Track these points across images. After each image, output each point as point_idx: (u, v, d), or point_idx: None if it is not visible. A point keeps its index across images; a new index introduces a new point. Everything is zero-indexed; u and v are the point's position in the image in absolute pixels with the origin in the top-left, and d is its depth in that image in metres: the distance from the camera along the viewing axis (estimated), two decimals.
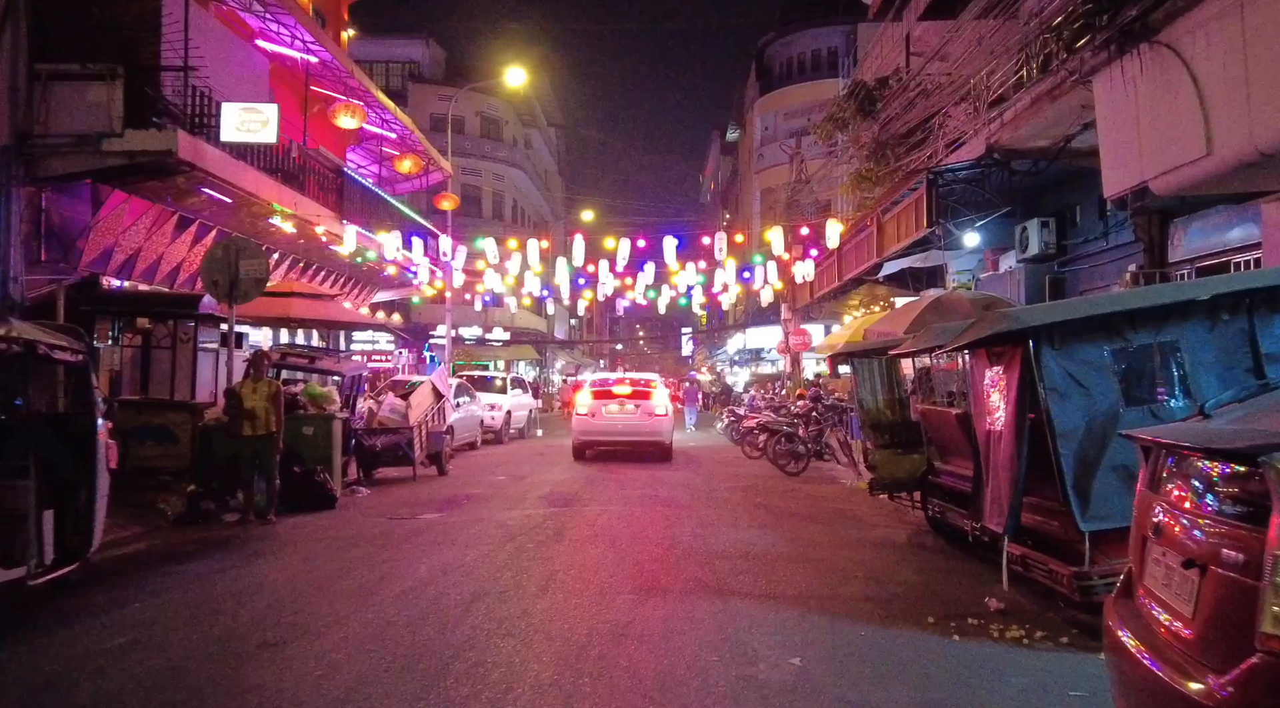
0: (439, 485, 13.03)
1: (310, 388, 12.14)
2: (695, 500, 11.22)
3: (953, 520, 7.49)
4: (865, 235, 17.14)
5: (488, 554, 7.41)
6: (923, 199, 13.69)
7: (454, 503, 10.99)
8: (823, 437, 15.81)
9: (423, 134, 26.63)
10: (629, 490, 12.18)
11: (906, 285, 20.72)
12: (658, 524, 9.15)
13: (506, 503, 10.88)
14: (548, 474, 14.37)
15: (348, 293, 22.85)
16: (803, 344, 25.87)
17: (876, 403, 9.25)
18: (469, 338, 47.04)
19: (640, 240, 17.83)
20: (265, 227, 16.68)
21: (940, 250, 16.61)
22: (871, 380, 9.27)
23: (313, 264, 20.13)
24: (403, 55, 49.56)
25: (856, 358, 9.51)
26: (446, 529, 8.89)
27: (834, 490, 12.75)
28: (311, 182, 17.75)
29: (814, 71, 47.29)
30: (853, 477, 14.72)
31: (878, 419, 9.25)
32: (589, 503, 10.78)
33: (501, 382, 24.37)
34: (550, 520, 9.27)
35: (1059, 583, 5.11)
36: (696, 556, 7.47)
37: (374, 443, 13.25)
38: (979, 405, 5.84)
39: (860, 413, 9.35)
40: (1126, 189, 9.69)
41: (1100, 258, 14.00)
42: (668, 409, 17.47)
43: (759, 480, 13.90)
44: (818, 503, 11.29)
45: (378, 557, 7.49)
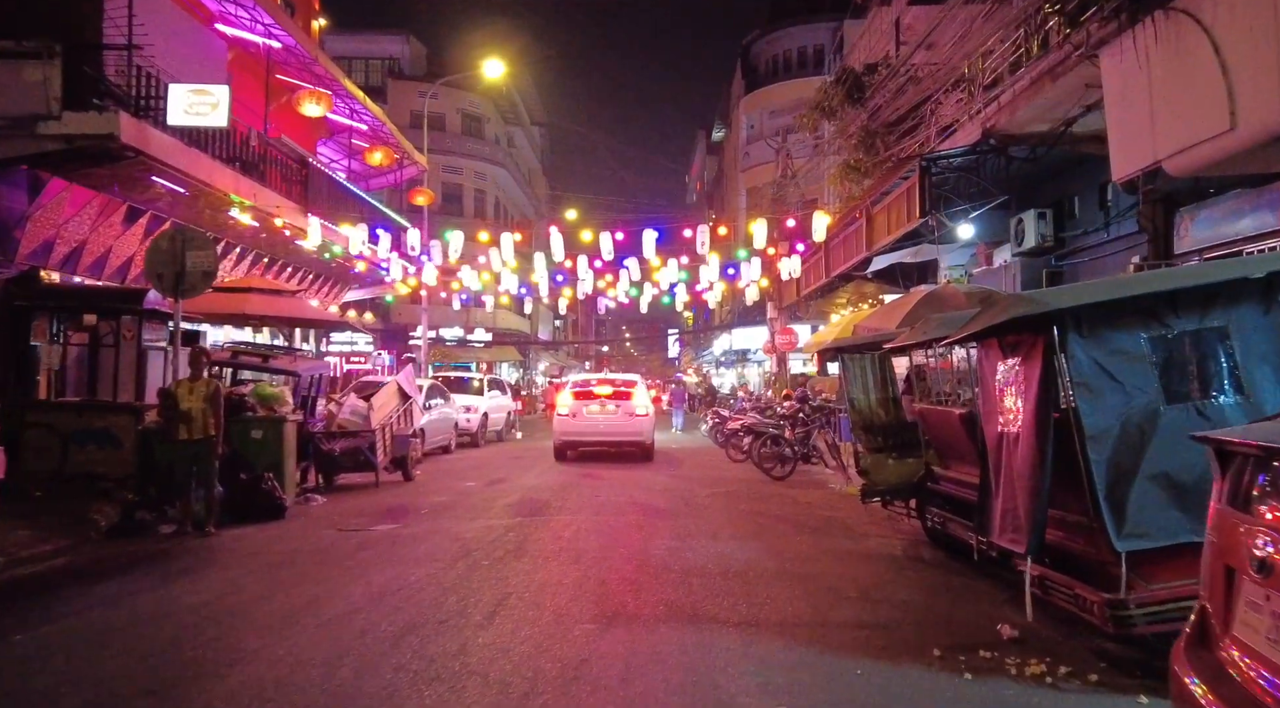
0: (402, 492, 12.21)
1: (260, 388, 11.29)
2: (673, 508, 10.45)
3: (955, 532, 6.74)
4: (854, 229, 16.42)
5: (435, 574, 6.60)
6: (915, 188, 12.98)
7: (413, 512, 10.18)
8: (810, 439, 15.07)
9: (402, 130, 25.85)
10: (604, 497, 11.39)
11: (896, 282, 20.03)
12: (630, 535, 8.36)
13: (470, 512, 10.07)
14: (520, 479, 13.57)
15: (316, 290, 21.97)
16: (789, 344, 25.14)
17: (869, 403, 8.48)
18: (450, 339, 46.17)
19: (619, 233, 17.02)
20: (224, 219, 15.81)
21: (932, 244, 15.91)
22: (863, 379, 8.51)
23: (278, 259, 19.26)
24: (382, 52, 48.68)
25: (847, 354, 8.74)
26: (397, 543, 8.08)
27: (822, 496, 12.01)
28: (274, 172, 16.88)
29: (800, 69, 46.78)
30: (841, 481, 14.00)
31: (870, 420, 8.48)
32: (559, 512, 9.99)
33: (478, 383, 23.52)
34: (513, 532, 8.46)
35: (1087, 611, 4.36)
36: (670, 573, 6.69)
37: (332, 447, 12.41)
38: (989, 404, 5.09)
39: (851, 414, 8.57)
40: (1137, 171, 9.00)
41: (1101, 250, 13.33)
42: (649, 410, 17.22)
43: (743, 485, 13.14)
44: (805, 510, 10.54)
45: (313, 576, 6.67)
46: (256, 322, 14.56)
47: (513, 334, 51.35)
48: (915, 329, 6.90)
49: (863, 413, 8.51)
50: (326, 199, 18.67)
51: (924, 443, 7.25)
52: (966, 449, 6.30)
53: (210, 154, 14.61)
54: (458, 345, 46.24)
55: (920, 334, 6.59)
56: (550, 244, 17.72)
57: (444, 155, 46.84)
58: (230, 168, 15.17)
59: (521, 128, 57.13)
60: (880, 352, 8.14)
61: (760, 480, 13.76)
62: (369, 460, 12.85)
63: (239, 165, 15.57)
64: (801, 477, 14.28)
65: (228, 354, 12.51)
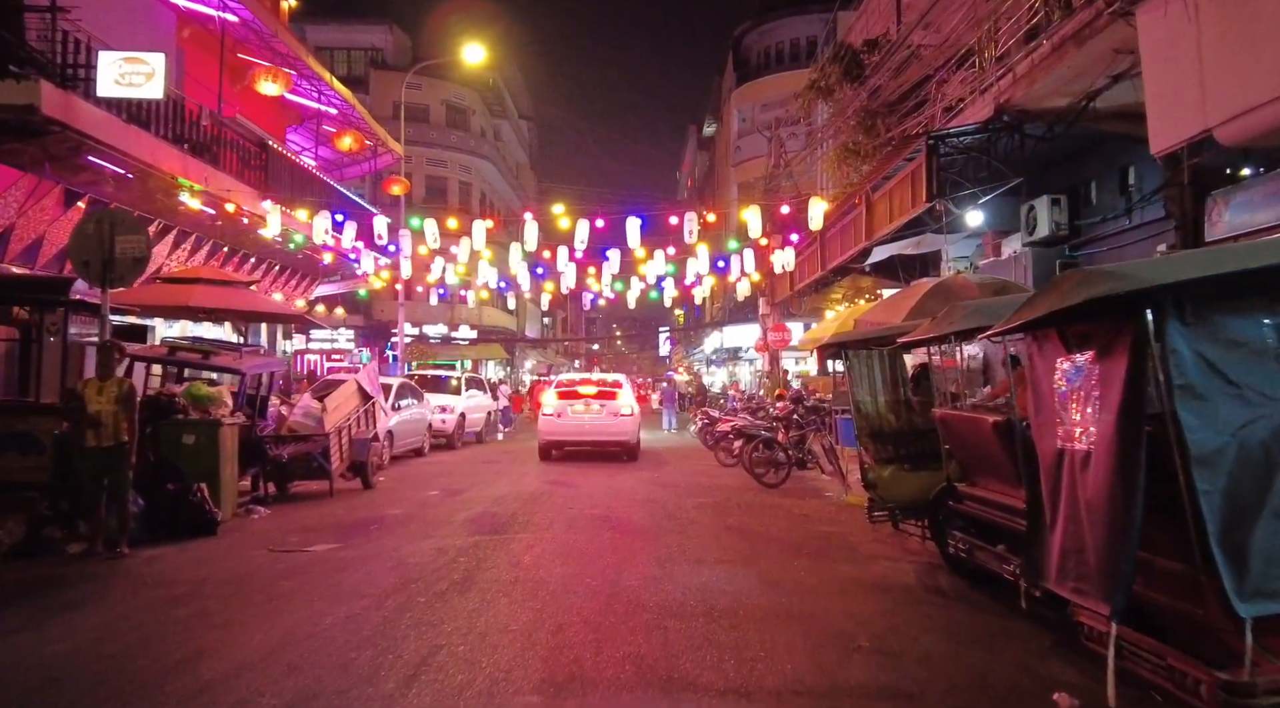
0: (356, 503, 11.06)
1: (193, 388, 10.12)
2: (655, 522, 9.33)
3: (983, 563, 5.64)
4: (852, 217, 15.32)
5: (358, 615, 5.46)
6: (920, 170, 11.87)
7: (361, 529, 9.03)
8: (805, 443, 13.96)
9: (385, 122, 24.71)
10: (579, 509, 10.26)
11: (896, 276, 18.92)
12: (602, 560, 7.23)
13: (424, 528, 8.92)
14: (490, 488, 12.42)
15: (283, 284, 20.77)
16: (782, 341, 24.05)
17: (876, 406, 7.37)
18: (434, 336, 44.98)
19: (599, 220, 15.83)
20: (175, 205, 14.61)
21: (937, 233, 14.82)
22: (870, 378, 7.40)
23: (239, 250, 18.06)
24: (365, 42, 47.47)
25: (852, 350, 7.62)
26: (328, 570, 6.93)
27: (819, 507, 10.91)
28: (230, 156, 15.69)
29: (793, 61, 45.87)
30: (839, 488, 12.91)
31: (878, 426, 7.36)
32: (524, 528, 8.85)
33: (456, 381, 22.31)
34: (465, 556, 7.31)
35: (1189, 691, 3.25)
36: (644, 613, 5.57)
37: (280, 453, 11.25)
38: (1045, 413, 3.98)
39: (856, 419, 7.44)
40: (1182, 141, 7.92)
41: (1121, 239, 12.26)
42: (634, 409, 17.05)
43: (733, 494, 12.04)
44: (801, 524, 9.44)
45: (214, 616, 5.53)
46: (203, 315, 13.35)
47: (499, 332, 50.16)
48: (939, 319, 5.79)
49: (869, 418, 7.39)
50: (290, 186, 17.49)
51: (945, 454, 6.14)
52: (1000, 465, 5.20)
53: (154, 133, 13.42)
54: (441, 343, 45.04)
55: (947, 325, 5.48)
56: (525, 232, 16.52)
57: (428, 147, 45.63)
58: (177, 148, 13.99)
59: (508, 121, 55.92)
60: (891, 348, 7.02)
61: (752, 488, 12.67)
62: (322, 467, 11.70)
63: (188, 146, 14.38)
64: (796, 484, 13.20)
65: (164, 351, 11.32)
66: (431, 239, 17.05)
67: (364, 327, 41.69)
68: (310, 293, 22.54)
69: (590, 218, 15.72)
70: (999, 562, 5.30)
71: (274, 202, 15.47)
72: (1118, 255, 12.28)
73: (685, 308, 66.08)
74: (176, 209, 14.73)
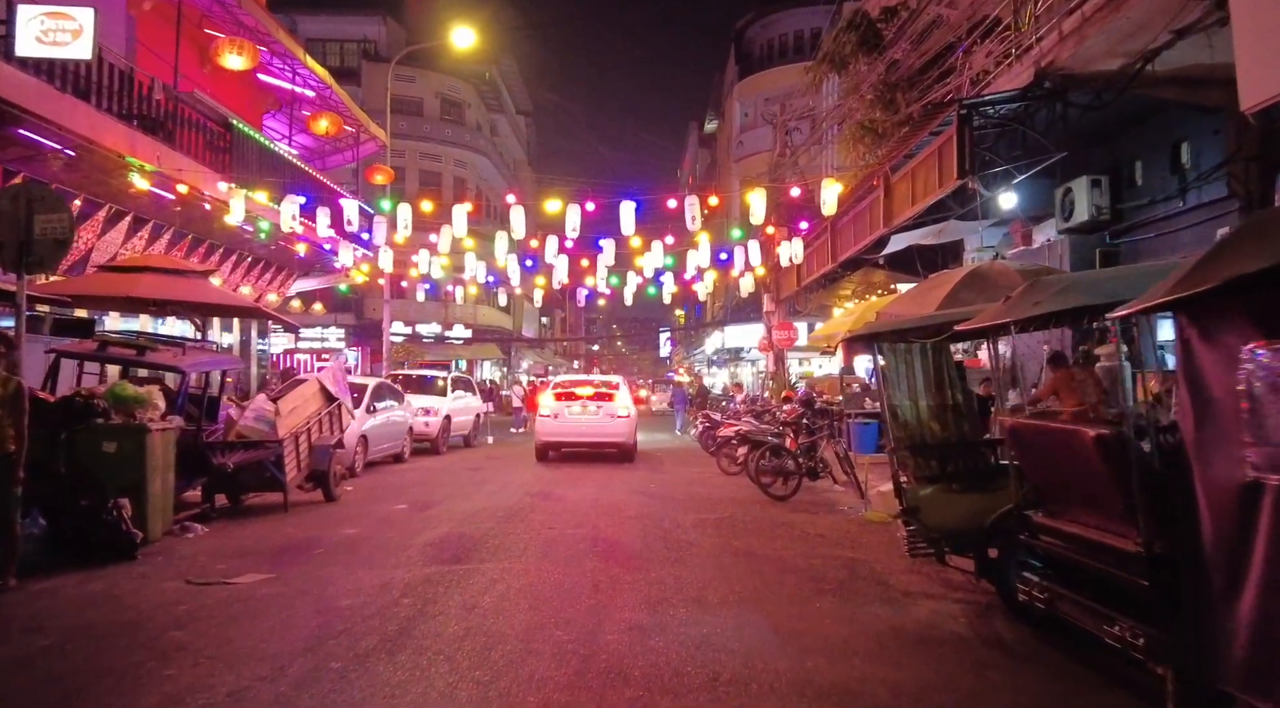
0: (310, 519, 9.73)
1: (117, 388, 8.78)
2: (648, 546, 7.99)
3: (1073, 618, 4.30)
4: (868, 202, 13.98)
5: (243, 691, 4.11)
6: (949, 145, 10.53)
7: (303, 553, 7.70)
8: (816, 450, 12.61)
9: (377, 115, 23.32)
10: (561, 528, 8.93)
11: (912, 269, 17.57)
12: (580, 602, 5.89)
13: (376, 554, 7.59)
14: (466, 500, 11.09)
15: (256, 277, 19.45)
16: (788, 340, 22.68)
17: (917, 412, 6.02)
18: (427, 335, 43.70)
19: (590, 203, 14.46)
20: (123, 187, 13.29)
21: (962, 219, 13.50)
22: (910, 378, 6.05)
23: (203, 240, 16.74)
24: (358, 33, 46.26)
25: (887, 344, 6.27)
26: (240, 613, 5.60)
27: (836, 525, 9.58)
28: (189, 135, 14.37)
29: (796, 54, 44.62)
30: (856, 502, 11.61)
31: (920, 437, 6.01)
32: (494, 554, 7.51)
33: (442, 382, 20.96)
34: (412, 597, 5.97)
35: None
36: (627, 687, 4.23)
37: (225, 462, 9.91)
38: (1219, 426, 2.65)
39: (892, 427, 6.07)
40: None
41: (1173, 223, 10.91)
42: (630, 411, 16.90)
43: (738, 508, 10.71)
44: (818, 547, 8.11)
45: (55, 686, 4.20)
46: (153, 307, 12.01)
47: (494, 331, 48.86)
48: (1014, 300, 4.45)
49: (908, 426, 6.03)
50: (259, 171, 16.17)
51: (1013, 474, 4.80)
52: (1102, 493, 3.88)
53: (97, 105, 12.12)
54: (435, 342, 43.75)
55: (1029, 305, 4.14)
56: (511, 219, 15.16)
57: (421, 141, 44.35)
58: (125, 124, 12.68)
59: (505, 116, 54.62)
60: (939, 339, 5.68)
61: (758, 501, 11.34)
62: (275, 477, 10.38)
63: (138, 122, 13.07)
64: (807, 496, 11.88)
65: (94, 346, 9.98)
66: (403, 225, 15.62)
67: (355, 326, 40.41)
68: (287, 288, 21.22)
69: (581, 202, 14.37)
70: (1098, 620, 3.97)
71: (231, 183, 14.11)
72: (1168, 241, 10.96)
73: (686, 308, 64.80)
74: (128, 191, 13.42)
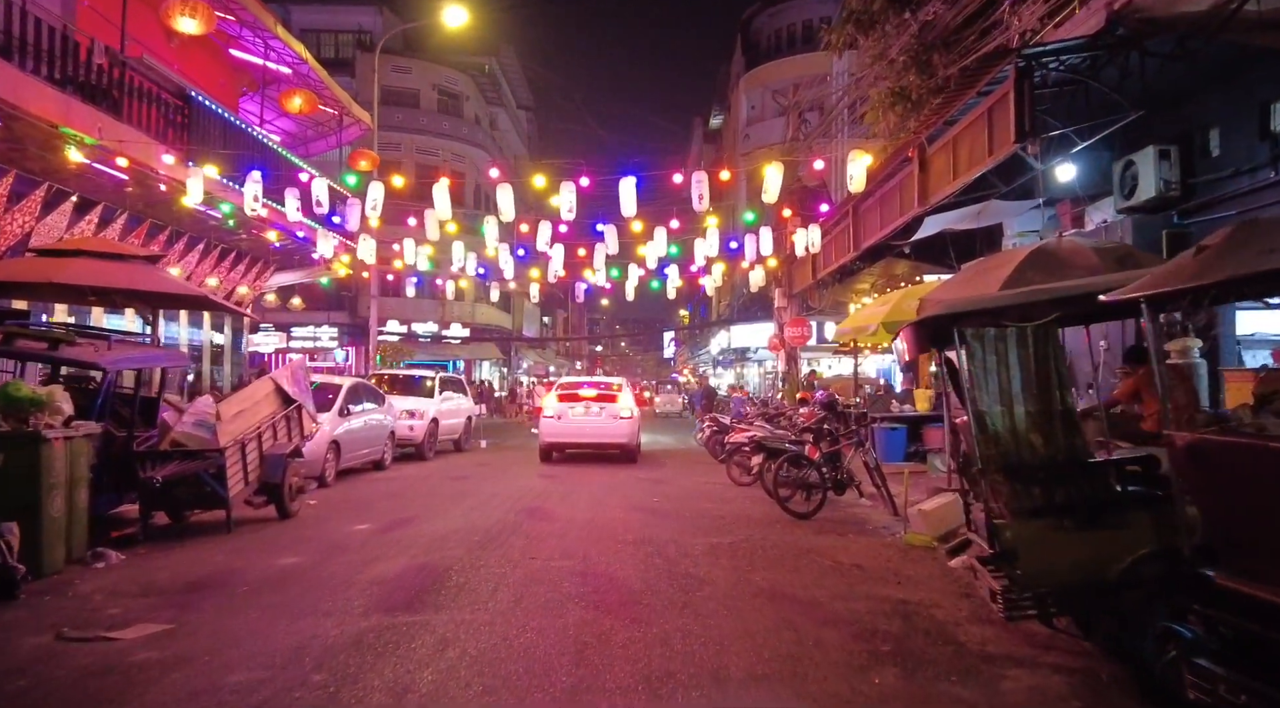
0: (250, 544, 8.23)
1: (10, 387, 7.27)
2: (649, 584, 6.47)
3: None
4: (899, 181, 12.44)
5: None
6: (1004, 104, 9.01)
7: (221, 592, 6.19)
8: (842, 460, 11.07)
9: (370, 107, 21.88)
10: (545, 558, 7.41)
11: (939, 259, 16.02)
12: (555, 682, 4.34)
13: (307, 595, 6.07)
14: (440, 519, 9.57)
15: (226, 270, 17.97)
16: (800, 337, 21.14)
17: (1011, 422, 4.43)
18: (424, 334, 42.26)
19: (584, 179, 12.88)
20: (60, 162, 11.81)
21: (1004, 199, 11.97)
22: (1002, 375, 4.47)
23: (163, 226, 15.27)
24: (353, 24, 44.98)
25: (971, 331, 4.67)
26: (85, 697, 4.11)
27: (872, 550, 8.06)
28: (137, 106, 12.87)
29: (805, 44, 43.46)
30: (887, 517, 10.14)
31: (1015, 454, 4.44)
32: (456, 597, 5.99)
33: (430, 383, 19.45)
34: (327, 670, 4.43)
35: None
36: None
37: (153, 476, 8.41)
38: None
39: (978, 441, 4.47)
40: None
41: (1260, 197, 9.33)
42: (633, 412, 16.92)
43: (755, 528, 9.20)
44: (858, 584, 6.60)
45: None
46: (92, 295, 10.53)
47: (494, 330, 47.40)
48: (1223, 248, 2.94)
49: (1000, 440, 4.46)
50: (223, 148, 14.66)
51: (1185, 510, 3.27)
52: None
53: (21, 66, 10.65)
54: (432, 341, 42.31)
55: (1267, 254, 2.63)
56: (498, 200, 13.61)
57: (417, 134, 42.88)
58: (58, 90, 11.20)
59: (505, 109, 53.19)
60: (1048, 320, 4.13)
61: (777, 519, 9.83)
62: (215, 493, 8.88)
63: (76, 89, 11.60)
64: (832, 511, 10.38)
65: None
66: (372, 205, 14.07)
67: (348, 325, 38.97)
68: (263, 282, 19.74)
69: (575, 177, 12.81)
70: None
71: (176, 156, 12.60)
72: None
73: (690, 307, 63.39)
74: (66, 168, 11.94)
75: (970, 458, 4.72)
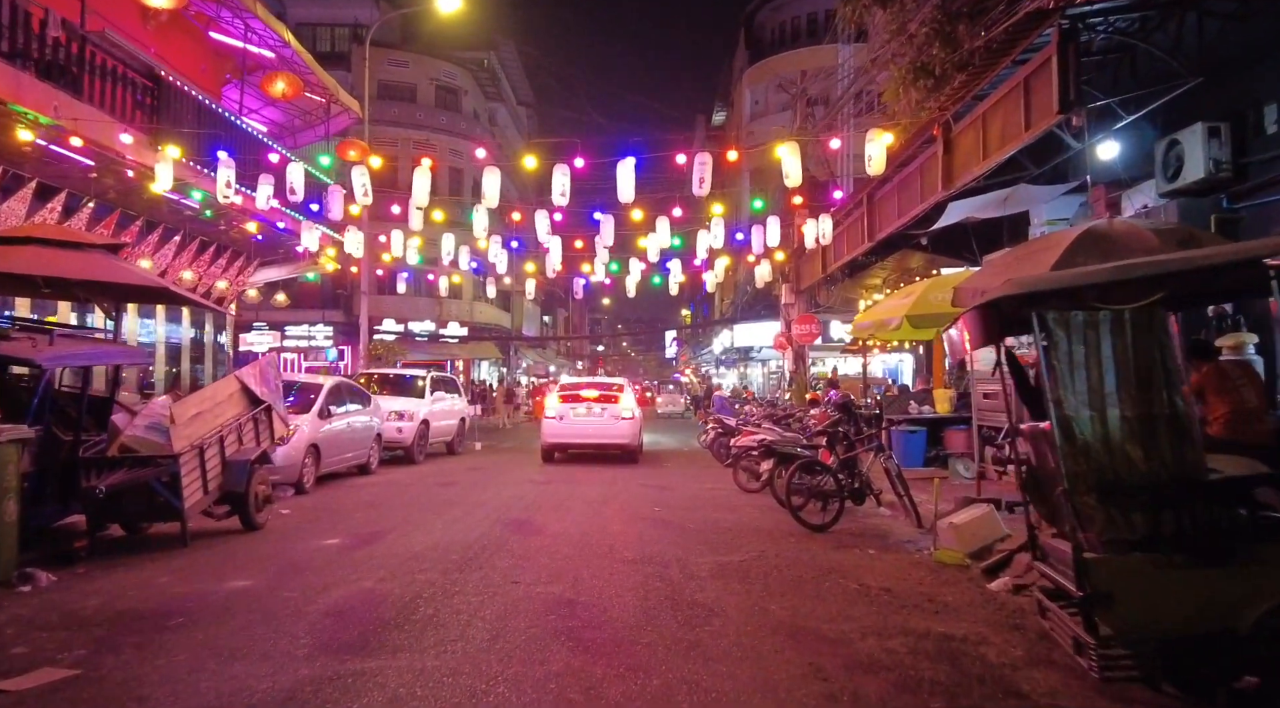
0: (202, 562, 7.34)
1: None
2: (651, 617, 5.56)
3: None
4: (920, 164, 11.54)
5: None
6: (1044, 72, 8.12)
7: (152, 625, 5.30)
8: (859, 466, 10.16)
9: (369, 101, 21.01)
10: (529, 584, 6.49)
11: (958, 251, 15.11)
12: None
13: (247, 630, 5.17)
14: (417, 533, 8.66)
15: (205, 264, 17.08)
16: (809, 335, 20.22)
17: (1105, 430, 3.46)
18: (420, 333, 41.35)
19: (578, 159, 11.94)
20: (15, 144, 10.93)
21: (1034, 183, 11.08)
22: (1092, 370, 3.48)
23: (135, 215, 14.37)
24: (348, 17, 44.13)
25: (1055, 314, 3.69)
26: None
27: (900, 569, 7.16)
28: (101, 84, 11.99)
29: (810, 38, 42.89)
30: (909, 528, 9.27)
31: (1110, 468, 3.49)
32: (418, 636, 5.08)
33: (421, 383, 18.55)
34: None
35: None
36: None
37: (96, 485, 7.53)
38: None
39: (1064, 452, 3.48)
40: None
41: None
42: (634, 413, 16.89)
43: (768, 542, 8.31)
44: (892, 614, 5.70)
45: None
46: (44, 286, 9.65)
47: (492, 329, 46.51)
48: None
49: (1092, 453, 3.49)
50: (196, 132, 13.77)
51: None
52: None
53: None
54: (429, 340, 41.40)
55: None
56: (485, 183, 12.69)
57: (414, 129, 41.95)
58: (9, 64, 10.33)
59: (505, 105, 52.30)
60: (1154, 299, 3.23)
61: (791, 531, 8.93)
62: (169, 503, 7.99)
63: (29, 63, 10.72)
64: (850, 522, 9.49)
65: None
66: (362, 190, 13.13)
67: (343, 324, 38.09)
68: (246, 277, 18.85)
69: (569, 160, 11.88)
70: None
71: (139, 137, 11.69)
72: None
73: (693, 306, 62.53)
74: (20, 150, 11.06)
75: (1040, 474, 3.80)
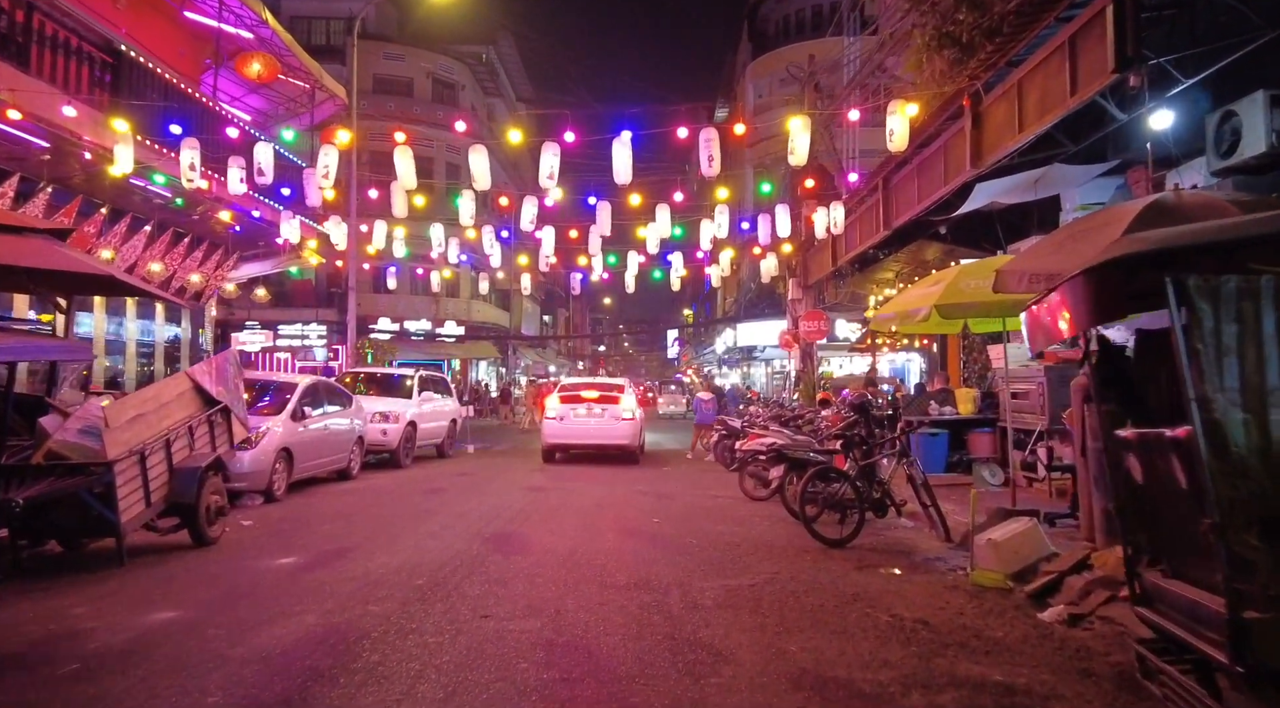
0: (132, 587, 6.38)
1: None
2: (643, 668, 4.57)
3: None
4: (943, 142, 10.58)
5: None
6: (1095, 27, 7.15)
7: (37, 676, 4.35)
8: (878, 473, 9.18)
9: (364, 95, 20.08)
10: (503, 619, 5.52)
11: (978, 240, 14.12)
12: None
13: (147, 684, 4.21)
14: (384, 551, 7.67)
15: (180, 257, 16.14)
16: (818, 332, 19.21)
17: (1267, 439, 2.55)
18: (416, 333, 40.43)
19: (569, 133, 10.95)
20: None
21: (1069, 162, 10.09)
22: (1247, 359, 2.58)
23: (98, 202, 13.43)
24: (345, 10, 43.09)
25: (1198, 283, 2.69)
26: None
27: (935, 595, 6.19)
28: (49, 57, 11.05)
29: (814, 30, 41.86)
30: (934, 542, 8.34)
31: (1276, 492, 2.56)
32: (353, 696, 4.10)
33: (409, 382, 17.59)
34: None
35: None
36: None
37: (12, 498, 6.57)
38: None
39: (1213, 469, 2.59)
40: None
41: None
42: (635, 413, 16.79)
43: (781, 562, 7.34)
44: (934, 657, 4.74)
45: None
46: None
47: (490, 329, 45.58)
48: None
49: (1250, 469, 2.55)
50: (162, 112, 12.82)
51: None
52: None
53: None
54: (425, 339, 40.49)
55: None
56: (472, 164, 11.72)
57: (411, 124, 41.06)
58: None
59: (503, 101, 51.41)
60: None
61: (806, 547, 7.97)
62: (104, 517, 7.03)
63: None
64: (871, 536, 8.53)
65: None
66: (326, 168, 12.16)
67: (336, 322, 37.17)
68: (225, 270, 17.90)
69: (559, 136, 10.88)
70: None
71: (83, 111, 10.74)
72: None
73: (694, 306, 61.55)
74: None
75: (1154, 495, 2.82)
